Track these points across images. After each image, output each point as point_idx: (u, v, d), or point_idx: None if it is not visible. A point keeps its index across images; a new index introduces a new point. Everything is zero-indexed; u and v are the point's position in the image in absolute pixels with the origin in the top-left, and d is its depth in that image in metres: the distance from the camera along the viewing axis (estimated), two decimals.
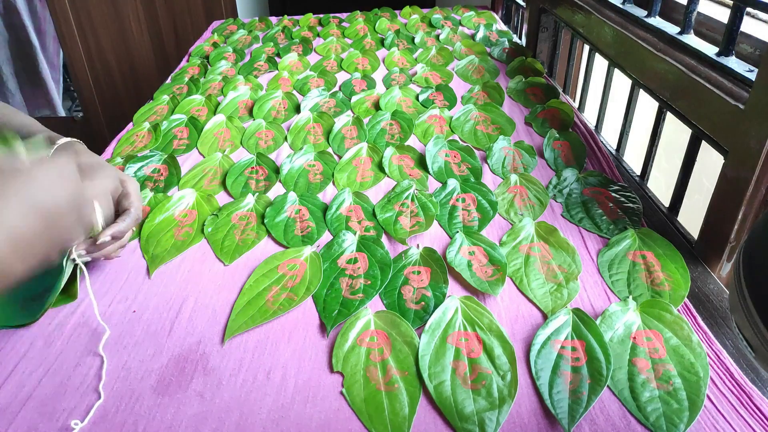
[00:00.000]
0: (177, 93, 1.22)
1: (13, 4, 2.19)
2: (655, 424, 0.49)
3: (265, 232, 0.76)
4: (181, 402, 0.53)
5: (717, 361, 0.54)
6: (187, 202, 0.82)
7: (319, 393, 0.53)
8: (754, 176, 0.62)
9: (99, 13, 2.07)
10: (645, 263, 0.67)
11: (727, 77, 0.69)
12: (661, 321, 0.57)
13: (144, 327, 0.61)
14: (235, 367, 0.56)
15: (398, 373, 0.55)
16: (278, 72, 1.30)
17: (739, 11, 0.69)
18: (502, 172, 0.89)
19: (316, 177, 0.89)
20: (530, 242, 0.71)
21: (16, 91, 2.38)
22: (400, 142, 0.99)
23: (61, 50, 2.24)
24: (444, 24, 1.61)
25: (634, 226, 0.74)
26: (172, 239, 0.75)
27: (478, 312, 0.60)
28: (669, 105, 0.81)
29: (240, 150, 1.00)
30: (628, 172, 0.92)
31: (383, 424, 0.50)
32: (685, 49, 0.79)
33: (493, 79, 1.24)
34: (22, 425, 0.51)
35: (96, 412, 0.52)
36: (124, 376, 0.55)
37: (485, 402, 0.51)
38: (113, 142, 1.03)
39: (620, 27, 0.94)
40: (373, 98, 1.15)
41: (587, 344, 0.55)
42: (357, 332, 0.59)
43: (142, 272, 0.70)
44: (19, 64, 2.32)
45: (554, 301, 0.63)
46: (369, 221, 0.78)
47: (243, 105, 1.15)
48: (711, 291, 0.65)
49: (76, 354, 0.58)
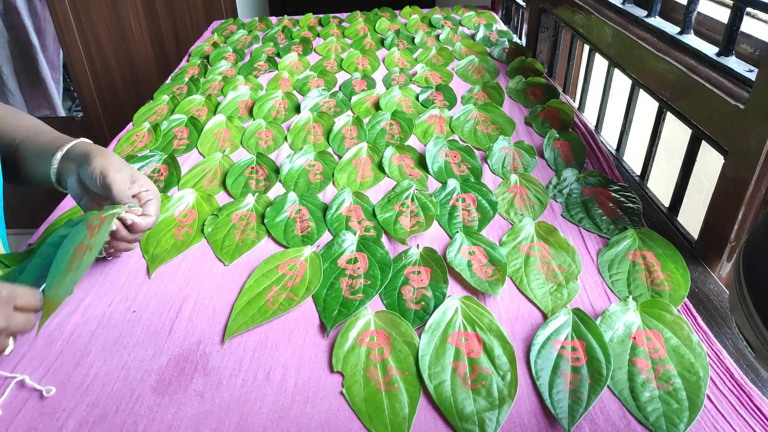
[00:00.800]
0: (177, 93, 1.22)
1: (13, 4, 2.19)
2: (655, 424, 0.49)
3: (265, 232, 0.76)
4: (181, 402, 0.53)
5: (717, 361, 0.54)
6: (187, 202, 0.82)
7: (319, 393, 0.53)
8: (754, 176, 0.62)
9: (99, 13, 2.07)
10: (645, 263, 0.67)
11: (727, 77, 0.70)
12: (661, 321, 0.57)
13: (144, 327, 0.61)
14: (235, 367, 0.56)
15: (398, 373, 0.55)
16: (278, 72, 1.30)
17: (739, 11, 0.69)
18: (502, 172, 0.89)
19: (316, 177, 0.89)
20: (530, 242, 0.71)
21: (16, 91, 2.38)
22: (400, 142, 0.99)
23: (61, 50, 2.24)
24: (444, 24, 1.61)
25: (634, 226, 0.74)
26: (172, 239, 0.75)
27: (478, 312, 0.60)
28: (669, 105, 0.81)
29: (240, 150, 1.00)
30: (628, 172, 0.92)
31: (383, 424, 0.50)
32: (685, 49, 0.79)
33: (493, 79, 1.24)
34: (22, 425, 0.51)
35: (96, 412, 0.52)
36: (124, 376, 0.55)
37: (485, 402, 0.51)
38: (113, 142, 1.03)
39: (620, 27, 0.94)
40: (373, 98, 1.15)
41: (587, 344, 0.55)
42: (357, 332, 0.59)
43: (142, 272, 0.70)
44: (19, 64, 2.32)
45: (554, 301, 0.63)
46: (369, 221, 0.78)
47: (243, 105, 1.15)
48: (711, 291, 0.65)
49: (76, 354, 0.58)
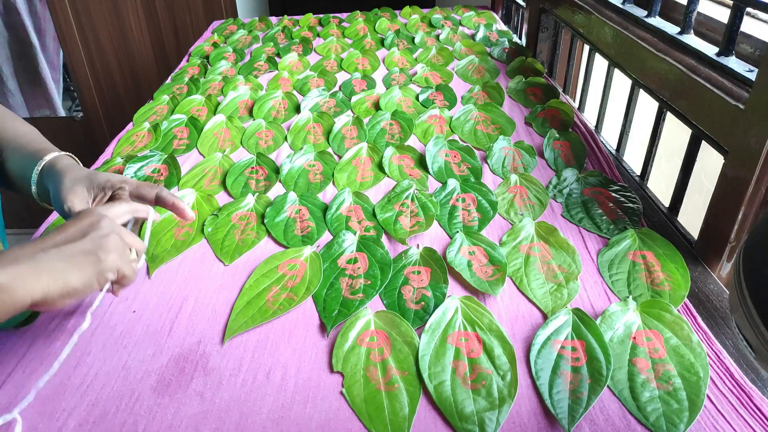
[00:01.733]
0: (177, 93, 1.22)
1: (13, 4, 2.19)
2: (655, 424, 0.49)
3: (265, 232, 0.76)
4: (181, 402, 0.53)
5: (717, 361, 0.54)
6: (188, 202, 0.82)
7: (319, 393, 0.53)
8: (754, 176, 0.62)
9: (99, 13, 2.07)
10: (645, 263, 0.67)
11: (727, 77, 0.70)
12: (661, 321, 0.57)
13: (144, 327, 0.61)
14: (235, 367, 0.56)
15: (398, 373, 0.55)
16: (278, 72, 1.30)
17: (739, 11, 0.69)
18: (502, 172, 0.89)
19: (316, 177, 0.89)
20: (530, 242, 0.71)
21: (16, 91, 2.38)
22: (400, 142, 0.99)
23: (61, 50, 2.24)
24: (444, 24, 1.61)
25: (634, 226, 0.74)
26: (172, 239, 0.75)
27: (478, 312, 0.60)
28: (669, 105, 0.81)
29: (240, 150, 1.00)
30: (628, 172, 0.92)
31: (383, 424, 0.50)
32: (685, 49, 0.79)
33: (493, 79, 1.24)
34: (22, 425, 0.51)
35: (96, 412, 0.52)
36: (124, 376, 0.55)
37: (485, 402, 0.51)
38: (113, 142, 1.03)
39: (620, 27, 0.94)
40: (373, 98, 1.15)
41: (587, 344, 0.55)
42: (357, 332, 0.59)
43: (142, 272, 0.70)
44: (19, 63, 2.32)
45: (554, 301, 0.63)
46: (369, 221, 0.78)
47: (243, 105, 1.15)
48: (711, 291, 0.65)
49: (76, 354, 0.58)
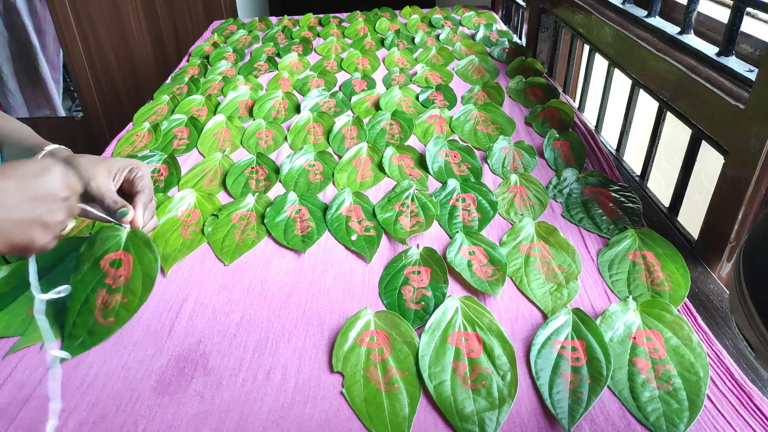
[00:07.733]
0: (177, 93, 1.22)
1: (13, 4, 2.19)
2: (655, 424, 0.49)
3: (265, 232, 0.76)
4: (181, 402, 0.53)
5: (717, 361, 0.54)
6: (189, 202, 0.82)
7: (319, 393, 0.53)
8: (754, 176, 0.62)
9: (99, 13, 2.08)
10: (645, 263, 0.67)
11: (727, 77, 0.69)
12: (661, 321, 0.57)
13: (144, 327, 0.61)
14: (235, 367, 0.56)
15: (398, 373, 0.55)
16: (278, 72, 1.30)
17: (739, 11, 0.69)
18: (502, 172, 0.89)
19: (316, 177, 0.89)
20: (530, 242, 0.71)
21: (16, 91, 2.38)
22: (400, 142, 0.99)
23: (61, 50, 2.24)
24: (444, 24, 1.61)
25: (634, 226, 0.74)
26: (180, 238, 0.75)
27: (478, 312, 0.60)
28: (669, 105, 0.81)
29: (240, 150, 1.00)
30: (628, 172, 0.92)
31: (383, 424, 0.50)
32: (685, 49, 0.79)
33: (493, 79, 1.24)
34: (22, 425, 0.51)
35: (96, 412, 0.52)
36: (124, 376, 0.55)
37: (485, 402, 0.51)
38: (113, 142, 1.03)
39: (620, 27, 0.94)
40: (373, 98, 1.15)
41: (587, 344, 0.55)
42: (357, 332, 0.59)
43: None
44: (19, 64, 2.32)
45: (554, 301, 0.63)
46: (369, 221, 0.78)
47: (243, 105, 1.15)
48: (711, 291, 0.65)
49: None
